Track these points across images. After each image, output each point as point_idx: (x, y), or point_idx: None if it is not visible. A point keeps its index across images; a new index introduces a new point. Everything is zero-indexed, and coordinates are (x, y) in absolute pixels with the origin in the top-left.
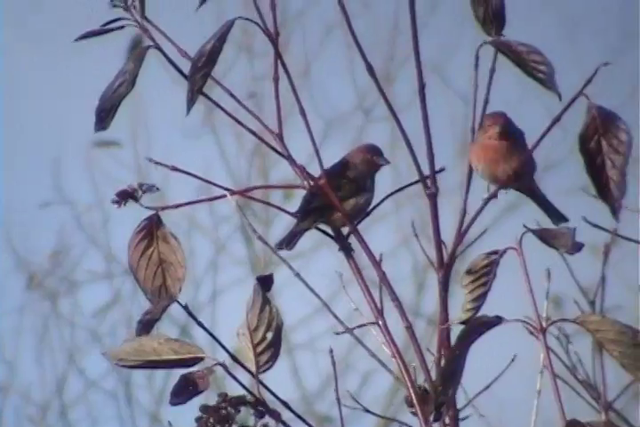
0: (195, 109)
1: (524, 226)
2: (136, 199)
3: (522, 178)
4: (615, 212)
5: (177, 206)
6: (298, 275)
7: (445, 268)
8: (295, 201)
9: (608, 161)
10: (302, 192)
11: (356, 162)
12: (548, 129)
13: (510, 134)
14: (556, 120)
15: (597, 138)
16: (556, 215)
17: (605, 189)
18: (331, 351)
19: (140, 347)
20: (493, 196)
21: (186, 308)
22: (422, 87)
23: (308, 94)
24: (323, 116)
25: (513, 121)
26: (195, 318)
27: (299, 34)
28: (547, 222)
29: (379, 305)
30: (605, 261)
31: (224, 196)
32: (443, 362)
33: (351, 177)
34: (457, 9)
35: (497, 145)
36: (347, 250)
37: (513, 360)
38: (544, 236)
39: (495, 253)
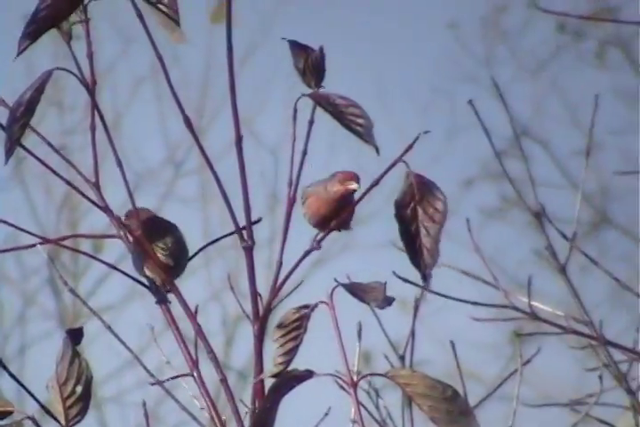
0: (2, 161)
1: (335, 280)
2: None
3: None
4: (426, 278)
5: None
6: (109, 327)
7: (261, 320)
8: (106, 252)
9: (422, 229)
10: (114, 242)
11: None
12: (367, 191)
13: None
14: (375, 184)
15: (414, 205)
16: None
17: (418, 255)
18: (144, 404)
19: None
20: (316, 247)
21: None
22: (239, 139)
23: (118, 146)
24: (133, 169)
25: None
26: (8, 371)
27: (109, 86)
28: (358, 276)
29: (193, 357)
30: (415, 316)
31: (35, 245)
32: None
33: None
34: (268, 62)
35: (339, 198)
36: (163, 301)
37: (327, 414)
38: (355, 290)
39: (306, 307)
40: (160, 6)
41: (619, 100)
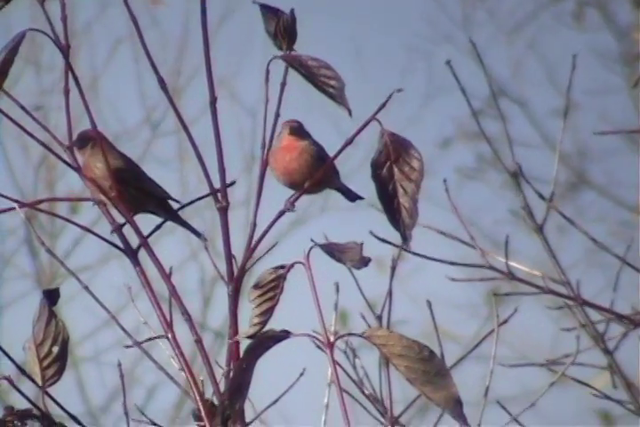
0: None
1: (312, 240)
2: None
3: (324, 184)
4: (406, 238)
5: None
6: (86, 288)
7: (235, 281)
8: (83, 214)
9: (400, 188)
10: (89, 204)
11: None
12: (341, 150)
13: (303, 133)
14: (349, 143)
15: (389, 165)
16: (352, 196)
17: (397, 215)
18: (119, 365)
19: None
20: (289, 208)
21: None
22: (214, 101)
23: (95, 108)
24: (110, 130)
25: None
26: None
27: (86, 47)
28: (335, 237)
29: (168, 318)
30: (392, 276)
31: (13, 208)
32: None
33: (139, 185)
34: (244, 23)
35: (291, 145)
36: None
37: (302, 374)
38: (331, 250)
39: (282, 267)
40: None
41: (596, 61)
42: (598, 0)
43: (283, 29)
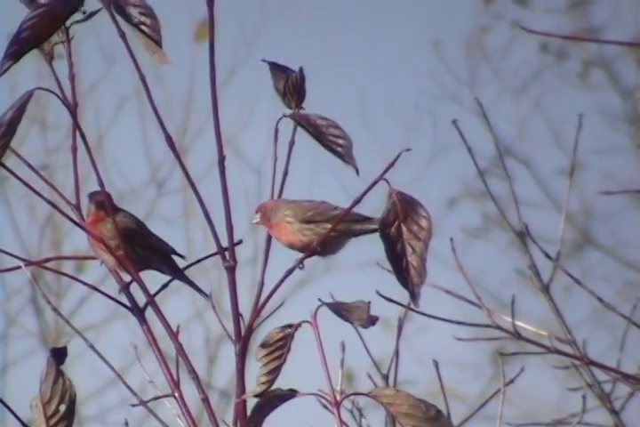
0: None
1: (319, 299)
2: None
3: (327, 247)
4: (415, 297)
5: None
6: (92, 347)
7: (243, 340)
8: (89, 273)
9: (408, 247)
10: (95, 264)
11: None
12: (349, 209)
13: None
14: (357, 202)
15: (398, 224)
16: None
17: (405, 274)
18: (126, 423)
19: None
20: (298, 266)
21: None
22: (222, 160)
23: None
24: (116, 189)
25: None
26: None
27: (92, 106)
28: (341, 296)
29: (175, 377)
30: (399, 335)
31: (19, 267)
32: None
33: (146, 243)
34: (248, 82)
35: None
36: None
37: None
38: (339, 309)
39: (290, 326)
40: (142, 28)
41: (602, 121)
42: (603, 60)
43: (292, 87)
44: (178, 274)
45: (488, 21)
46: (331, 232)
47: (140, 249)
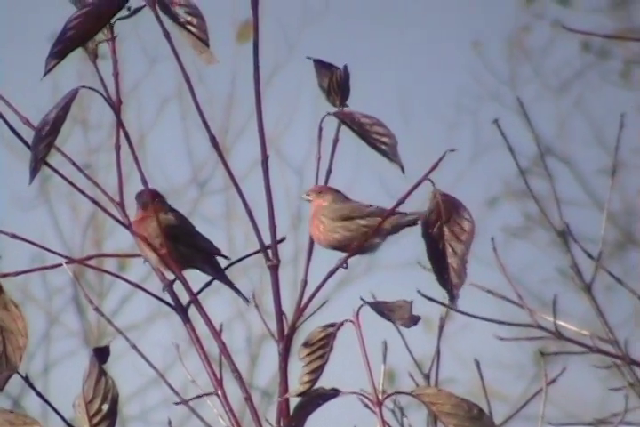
0: (28, 181)
1: (361, 299)
2: None
3: (372, 243)
4: (453, 298)
5: (17, 274)
6: (134, 346)
7: (286, 340)
8: (131, 271)
9: (449, 248)
10: (139, 262)
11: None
12: (393, 209)
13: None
14: (401, 202)
15: (440, 224)
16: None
17: (445, 275)
18: (169, 422)
19: None
20: (341, 265)
21: (26, 379)
22: (265, 159)
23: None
24: (157, 188)
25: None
26: (35, 390)
27: (134, 105)
28: (383, 295)
29: (217, 376)
30: (440, 335)
31: (61, 264)
32: None
33: (189, 242)
34: (293, 81)
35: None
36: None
37: None
38: (381, 309)
39: (332, 325)
40: (189, 27)
41: None
42: None
43: (336, 85)
44: (219, 275)
45: (529, 20)
46: (373, 231)
47: (183, 248)
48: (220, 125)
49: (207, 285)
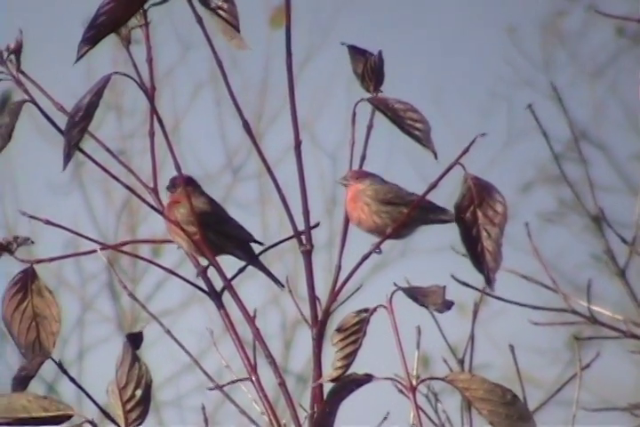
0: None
1: (394, 284)
2: (11, 252)
3: (409, 228)
4: (490, 282)
5: (51, 260)
6: (168, 332)
7: (320, 324)
8: (165, 256)
9: (484, 232)
10: (173, 247)
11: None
12: (425, 193)
13: (362, 176)
14: (433, 186)
15: (473, 208)
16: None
17: (480, 259)
18: (203, 408)
19: (9, 405)
20: (375, 250)
21: (60, 364)
22: (298, 145)
23: (176, 152)
24: (191, 174)
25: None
26: (68, 375)
27: (167, 91)
28: (416, 281)
29: (251, 361)
30: (474, 320)
31: (95, 251)
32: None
33: (221, 229)
34: (327, 66)
35: (352, 194)
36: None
37: (385, 418)
38: (414, 294)
39: (365, 311)
40: (220, 12)
41: None
42: None
43: (370, 70)
44: (253, 260)
45: (563, 5)
46: (405, 217)
47: (215, 235)
48: (254, 111)
49: (241, 270)
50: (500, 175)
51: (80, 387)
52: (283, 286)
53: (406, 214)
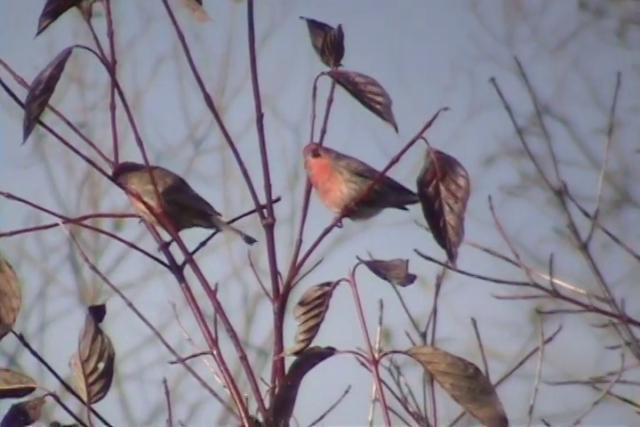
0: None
1: (357, 257)
2: None
3: (369, 209)
4: (452, 257)
5: (12, 234)
6: (130, 305)
7: (281, 299)
8: (126, 231)
9: (446, 206)
10: (134, 221)
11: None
12: (387, 168)
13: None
14: (395, 161)
15: (436, 182)
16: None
17: (443, 233)
18: (164, 381)
19: None
20: (336, 224)
21: (21, 338)
22: (260, 117)
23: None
24: (153, 148)
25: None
26: (30, 348)
27: (129, 64)
28: (379, 254)
29: (213, 335)
30: (437, 293)
31: (57, 224)
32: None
33: (184, 202)
34: (289, 40)
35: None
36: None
37: (347, 392)
38: (377, 267)
39: (328, 284)
40: None
41: None
42: None
43: (330, 44)
44: (218, 224)
45: None
46: (368, 189)
47: (178, 208)
48: (216, 85)
49: (203, 244)
50: (462, 149)
51: (42, 360)
52: (253, 240)
53: (370, 186)
